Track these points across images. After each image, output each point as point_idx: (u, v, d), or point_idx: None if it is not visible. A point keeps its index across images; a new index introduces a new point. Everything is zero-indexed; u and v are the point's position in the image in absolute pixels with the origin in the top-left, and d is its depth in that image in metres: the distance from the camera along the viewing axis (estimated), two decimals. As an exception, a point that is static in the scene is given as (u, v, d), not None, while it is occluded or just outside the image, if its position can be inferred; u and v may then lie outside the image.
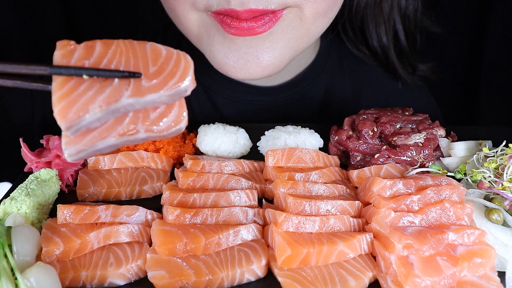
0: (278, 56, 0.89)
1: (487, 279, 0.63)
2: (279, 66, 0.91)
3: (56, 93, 0.52)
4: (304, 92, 1.15)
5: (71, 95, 0.51)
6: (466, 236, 0.66)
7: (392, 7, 1.15)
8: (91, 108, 0.51)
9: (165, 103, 0.55)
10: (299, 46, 0.93)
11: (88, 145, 0.52)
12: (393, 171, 0.82)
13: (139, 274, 0.66)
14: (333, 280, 0.63)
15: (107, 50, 0.55)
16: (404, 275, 0.61)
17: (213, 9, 0.83)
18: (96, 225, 0.70)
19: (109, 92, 0.52)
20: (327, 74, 1.17)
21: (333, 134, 0.94)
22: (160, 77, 0.54)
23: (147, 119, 0.54)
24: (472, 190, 0.76)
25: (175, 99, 0.55)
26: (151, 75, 0.54)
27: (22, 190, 0.75)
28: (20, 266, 0.62)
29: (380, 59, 1.21)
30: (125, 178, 0.85)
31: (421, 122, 0.91)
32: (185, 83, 0.54)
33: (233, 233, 0.69)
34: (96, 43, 0.56)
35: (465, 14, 1.36)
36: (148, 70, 0.54)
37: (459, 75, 1.48)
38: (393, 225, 0.68)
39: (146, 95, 0.53)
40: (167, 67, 0.54)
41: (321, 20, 0.90)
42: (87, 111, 0.51)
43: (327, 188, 0.79)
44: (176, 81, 0.54)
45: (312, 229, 0.69)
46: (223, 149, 0.93)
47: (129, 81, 0.53)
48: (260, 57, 0.88)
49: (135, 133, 0.54)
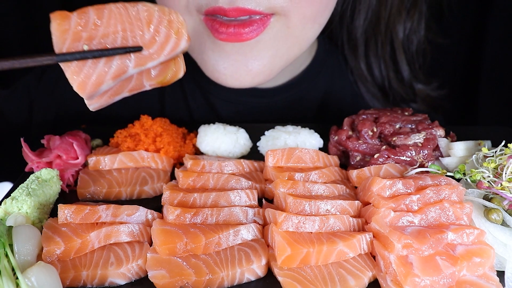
0: (268, 65, 0.89)
1: (486, 278, 0.63)
2: (270, 75, 0.91)
3: (68, 70, 0.59)
4: (301, 93, 1.15)
5: (83, 70, 0.59)
6: (465, 236, 0.66)
7: (394, 40, 1.15)
8: (105, 81, 0.60)
9: (165, 61, 0.63)
10: (291, 55, 0.93)
11: (107, 101, 0.64)
12: (392, 171, 0.83)
13: (140, 274, 0.67)
14: (332, 280, 0.63)
15: (101, 17, 0.59)
16: (404, 275, 0.61)
17: (204, 10, 0.84)
18: (96, 224, 0.70)
19: (116, 66, 0.60)
20: (325, 76, 1.17)
21: (333, 134, 0.94)
22: (157, 44, 0.60)
23: (149, 77, 0.64)
24: (471, 190, 0.76)
25: (173, 57, 0.62)
26: (148, 43, 0.59)
27: (23, 190, 0.75)
28: (21, 265, 0.62)
29: (378, 85, 1.21)
30: (125, 178, 0.85)
31: (421, 122, 0.91)
32: (181, 46, 0.61)
33: (233, 232, 0.69)
34: (89, 10, 0.59)
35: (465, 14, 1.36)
36: (144, 36, 0.59)
37: (459, 75, 1.48)
38: (393, 224, 0.69)
39: (147, 63, 0.61)
40: (162, 32, 0.59)
41: (310, 26, 0.90)
42: (102, 83, 0.60)
43: (326, 188, 0.79)
44: (172, 47, 0.60)
45: (312, 228, 0.69)
46: (223, 149, 0.94)
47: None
48: (249, 65, 0.88)
49: (142, 88, 0.65)
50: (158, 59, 0.61)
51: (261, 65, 0.89)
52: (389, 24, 1.14)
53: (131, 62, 0.60)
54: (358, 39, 1.16)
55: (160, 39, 0.60)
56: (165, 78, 0.65)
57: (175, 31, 0.60)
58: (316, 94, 1.17)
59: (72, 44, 0.59)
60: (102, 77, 0.59)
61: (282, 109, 1.14)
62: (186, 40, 0.61)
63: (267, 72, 0.91)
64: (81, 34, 0.58)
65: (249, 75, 0.90)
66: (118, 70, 0.60)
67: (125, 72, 0.60)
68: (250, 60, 0.88)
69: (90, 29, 0.59)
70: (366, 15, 1.13)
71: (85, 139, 0.94)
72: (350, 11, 1.14)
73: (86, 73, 0.59)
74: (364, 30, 1.15)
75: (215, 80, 0.92)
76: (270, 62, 0.90)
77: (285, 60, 0.93)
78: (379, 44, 1.15)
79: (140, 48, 0.60)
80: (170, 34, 0.60)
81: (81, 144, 0.90)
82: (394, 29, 1.14)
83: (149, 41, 0.59)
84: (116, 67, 0.60)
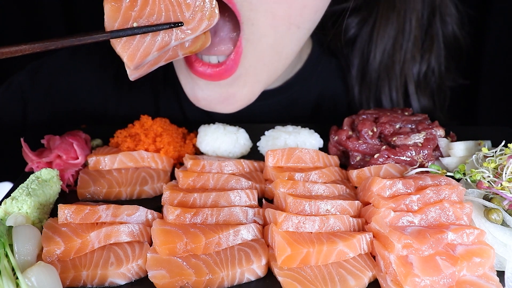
0: (248, 94, 0.88)
1: (486, 278, 0.63)
2: (251, 99, 0.90)
3: (118, 45, 0.69)
4: (295, 96, 1.14)
5: (132, 44, 0.69)
6: (465, 236, 0.66)
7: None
8: (151, 52, 0.70)
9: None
10: (275, 72, 0.89)
11: (147, 71, 0.74)
12: (392, 171, 0.83)
13: (140, 274, 0.67)
14: (332, 280, 0.63)
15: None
16: (404, 275, 0.61)
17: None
18: (96, 224, 0.70)
19: (160, 40, 0.71)
20: (319, 79, 1.16)
21: (333, 134, 0.94)
22: (194, 21, 0.71)
23: (183, 47, 0.74)
24: (471, 190, 0.76)
25: (205, 31, 0.73)
26: (188, 20, 0.71)
27: (23, 190, 0.75)
28: (21, 265, 0.62)
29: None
30: (125, 178, 0.85)
31: (421, 122, 0.91)
32: (213, 23, 0.72)
33: (233, 232, 0.69)
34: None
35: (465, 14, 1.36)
36: (184, 15, 0.70)
37: (459, 75, 1.48)
38: (393, 224, 0.69)
39: (186, 38, 0.72)
40: (199, 11, 0.71)
41: (285, 29, 0.81)
42: (148, 54, 0.70)
43: (326, 188, 0.79)
44: (207, 24, 0.72)
45: (312, 228, 0.69)
46: (223, 149, 0.93)
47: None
48: (231, 99, 0.87)
49: (176, 57, 0.75)
50: (195, 34, 0.71)
51: (242, 95, 0.87)
52: (404, 67, 1.12)
53: (173, 36, 0.71)
54: (372, 76, 1.14)
55: (196, 18, 0.70)
56: (195, 47, 0.75)
57: (209, 12, 0.71)
58: (310, 97, 1.16)
59: (122, 22, 0.69)
60: (149, 49, 0.70)
61: (275, 112, 1.13)
62: (217, 17, 0.71)
63: (250, 97, 0.89)
64: (130, 13, 0.68)
65: (229, 106, 0.88)
66: (162, 43, 0.70)
67: (168, 44, 0.71)
68: (229, 96, 0.87)
69: (138, 9, 0.68)
70: (382, 59, 1.11)
71: (85, 139, 0.94)
72: (366, 53, 1.12)
73: (134, 47, 0.69)
74: (379, 72, 1.13)
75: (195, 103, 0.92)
76: (252, 90, 0.88)
77: (268, 77, 0.90)
78: (393, 85, 1.14)
79: (182, 23, 0.70)
80: (204, 13, 0.70)
81: (81, 144, 0.90)
82: (408, 72, 1.13)
83: (188, 19, 0.70)
84: (161, 40, 0.70)
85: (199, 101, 0.90)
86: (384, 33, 1.09)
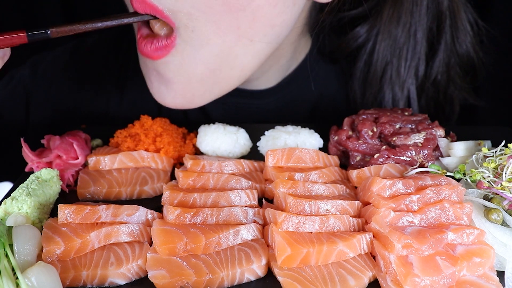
0: (182, 90, 0.87)
1: (486, 278, 0.63)
2: (192, 100, 0.89)
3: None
4: (292, 96, 1.14)
5: None
6: (465, 236, 0.66)
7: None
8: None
9: None
10: (228, 82, 0.88)
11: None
12: (392, 171, 0.83)
13: (140, 274, 0.67)
14: (332, 280, 0.63)
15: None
16: (404, 275, 0.61)
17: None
18: (96, 224, 0.70)
19: None
20: (318, 79, 1.16)
21: (333, 134, 0.94)
22: None
23: None
24: (471, 190, 0.76)
25: None
26: None
27: (23, 190, 0.75)
28: (21, 265, 0.62)
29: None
30: (125, 178, 0.85)
31: (421, 122, 0.91)
32: None
33: (233, 232, 0.69)
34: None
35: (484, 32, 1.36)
36: None
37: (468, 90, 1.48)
38: (393, 224, 0.69)
39: None
40: None
41: (244, 43, 0.80)
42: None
43: (326, 188, 0.79)
44: None
45: (312, 228, 0.69)
46: (223, 149, 0.94)
47: None
48: (167, 86, 0.87)
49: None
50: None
51: (175, 89, 0.87)
52: (408, 72, 1.11)
53: None
54: (374, 78, 1.13)
55: None
56: None
57: None
58: (308, 97, 1.16)
59: None
60: None
61: (273, 111, 1.13)
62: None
63: (188, 96, 0.88)
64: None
65: (168, 95, 0.88)
66: None
67: None
68: (165, 80, 0.86)
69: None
70: (385, 62, 1.10)
71: (85, 139, 0.94)
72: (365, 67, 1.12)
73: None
74: (381, 74, 1.12)
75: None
76: (184, 88, 0.86)
77: (222, 87, 0.89)
78: (396, 90, 1.13)
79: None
80: None
81: (81, 144, 0.90)
82: (412, 77, 1.12)
83: None
84: None
85: (151, 89, 0.91)
86: (389, 37, 1.08)
